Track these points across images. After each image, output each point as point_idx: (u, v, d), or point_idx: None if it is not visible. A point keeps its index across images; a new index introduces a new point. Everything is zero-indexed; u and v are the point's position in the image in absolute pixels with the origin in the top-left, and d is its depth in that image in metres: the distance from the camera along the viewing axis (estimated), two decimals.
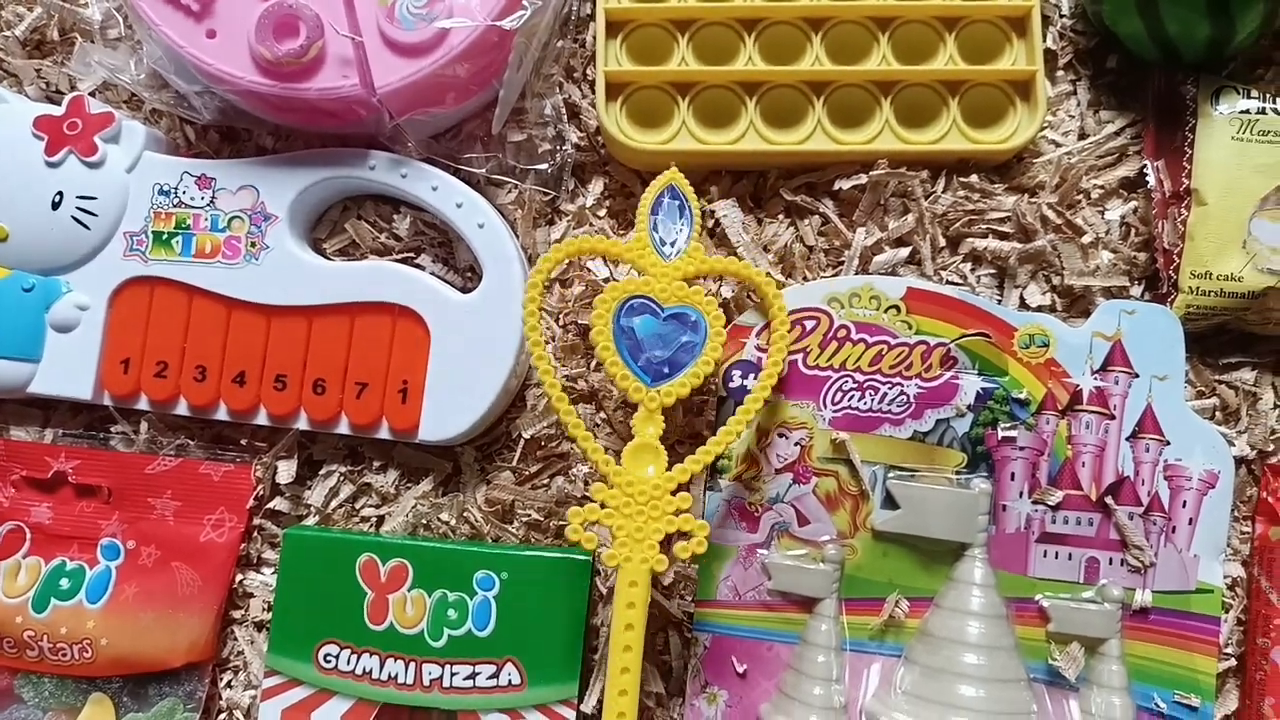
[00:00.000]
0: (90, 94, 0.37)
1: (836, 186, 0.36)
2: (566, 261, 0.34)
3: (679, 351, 0.32)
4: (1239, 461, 0.35)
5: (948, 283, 0.36)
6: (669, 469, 0.31)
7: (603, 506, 0.31)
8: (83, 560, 0.36)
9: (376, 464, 0.36)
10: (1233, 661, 0.34)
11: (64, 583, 0.36)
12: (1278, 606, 0.34)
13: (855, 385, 0.35)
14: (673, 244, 0.33)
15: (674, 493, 0.31)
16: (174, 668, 0.35)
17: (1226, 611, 0.34)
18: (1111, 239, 0.36)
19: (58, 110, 0.36)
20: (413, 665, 0.34)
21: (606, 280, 0.37)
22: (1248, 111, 0.35)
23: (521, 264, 0.35)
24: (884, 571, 0.34)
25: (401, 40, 0.33)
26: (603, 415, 0.36)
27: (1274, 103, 0.35)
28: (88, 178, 0.36)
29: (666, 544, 0.31)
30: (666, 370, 0.32)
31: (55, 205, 0.36)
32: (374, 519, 0.36)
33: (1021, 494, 0.34)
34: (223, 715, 0.36)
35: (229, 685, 0.36)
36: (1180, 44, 0.35)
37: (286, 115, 0.36)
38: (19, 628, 0.35)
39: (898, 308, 0.35)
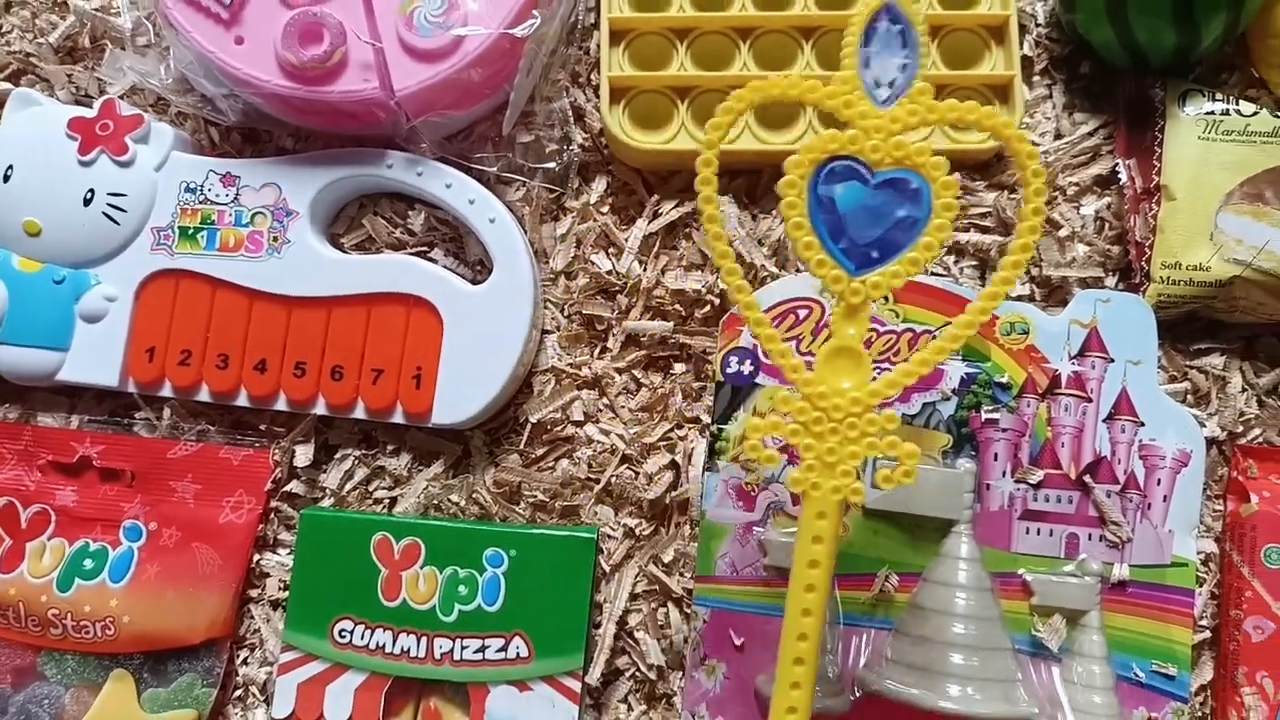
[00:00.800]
0: (120, 97, 0.39)
1: None
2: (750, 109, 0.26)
3: (893, 229, 0.25)
4: (1210, 442, 0.37)
5: (933, 274, 0.38)
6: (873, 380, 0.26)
7: (790, 421, 0.26)
8: (106, 541, 0.37)
9: (390, 447, 0.38)
10: (1208, 634, 0.36)
11: (88, 563, 0.37)
12: (1249, 579, 0.35)
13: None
14: (890, 84, 0.25)
15: (877, 409, 0.26)
16: (193, 644, 0.36)
17: (1201, 586, 0.36)
18: (1087, 233, 0.38)
19: (90, 112, 0.38)
20: (425, 639, 0.35)
21: (609, 273, 0.38)
22: (1213, 113, 0.37)
23: (530, 257, 0.37)
24: (874, 548, 0.35)
25: (419, 46, 0.35)
26: (605, 402, 0.38)
27: (1237, 104, 0.37)
28: (118, 176, 0.37)
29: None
30: (875, 254, 0.26)
31: (87, 202, 0.37)
32: (387, 500, 0.38)
33: (1004, 473, 0.35)
34: (239, 691, 0.37)
35: (245, 662, 0.37)
36: (1149, 50, 0.37)
37: (309, 117, 0.38)
38: (44, 606, 0.36)
39: (886, 297, 0.37)
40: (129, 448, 0.38)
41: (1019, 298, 0.38)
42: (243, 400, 0.37)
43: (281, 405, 0.37)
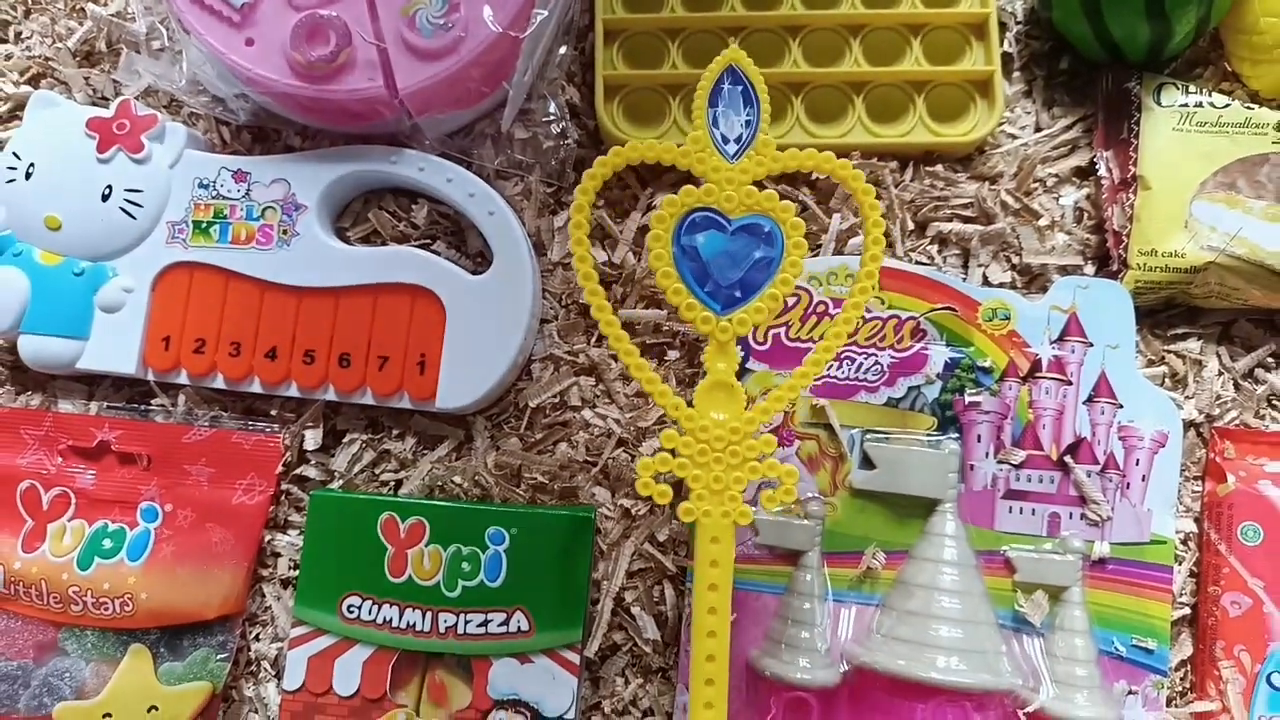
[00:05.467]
0: (136, 98, 0.41)
1: (814, 177, 0.40)
2: (614, 172, 0.29)
3: (752, 270, 0.28)
4: (1187, 425, 0.38)
5: (917, 262, 0.39)
6: (747, 408, 0.28)
7: (675, 455, 0.28)
8: (124, 523, 0.39)
9: (395, 432, 0.39)
10: (1187, 610, 0.37)
11: (106, 543, 0.38)
12: (1226, 556, 0.36)
13: (833, 356, 0.37)
14: (737, 140, 0.28)
15: (755, 435, 0.28)
16: (207, 620, 0.37)
17: (1180, 563, 0.37)
18: (1066, 222, 0.40)
19: (108, 113, 0.39)
20: (429, 614, 0.36)
21: (605, 264, 0.40)
22: (1187, 105, 0.38)
23: (528, 248, 0.38)
24: (862, 526, 0.36)
25: (421, 46, 0.37)
26: (602, 388, 0.39)
27: (1210, 97, 0.39)
28: (135, 172, 0.39)
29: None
30: (739, 294, 0.28)
31: (105, 198, 0.39)
32: (393, 482, 0.39)
33: (988, 454, 0.37)
34: (251, 666, 0.39)
35: (257, 638, 0.39)
36: (1124, 45, 0.39)
37: (316, 115, 0.39)
38: (65, 584, 0.38)
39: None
40: (146, 433, 0.39)
41: (1000, 284, 0.39)
42: (255, 387, 0.39)
43: (292, 391, 0.38)
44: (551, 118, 0.39)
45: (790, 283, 0.28)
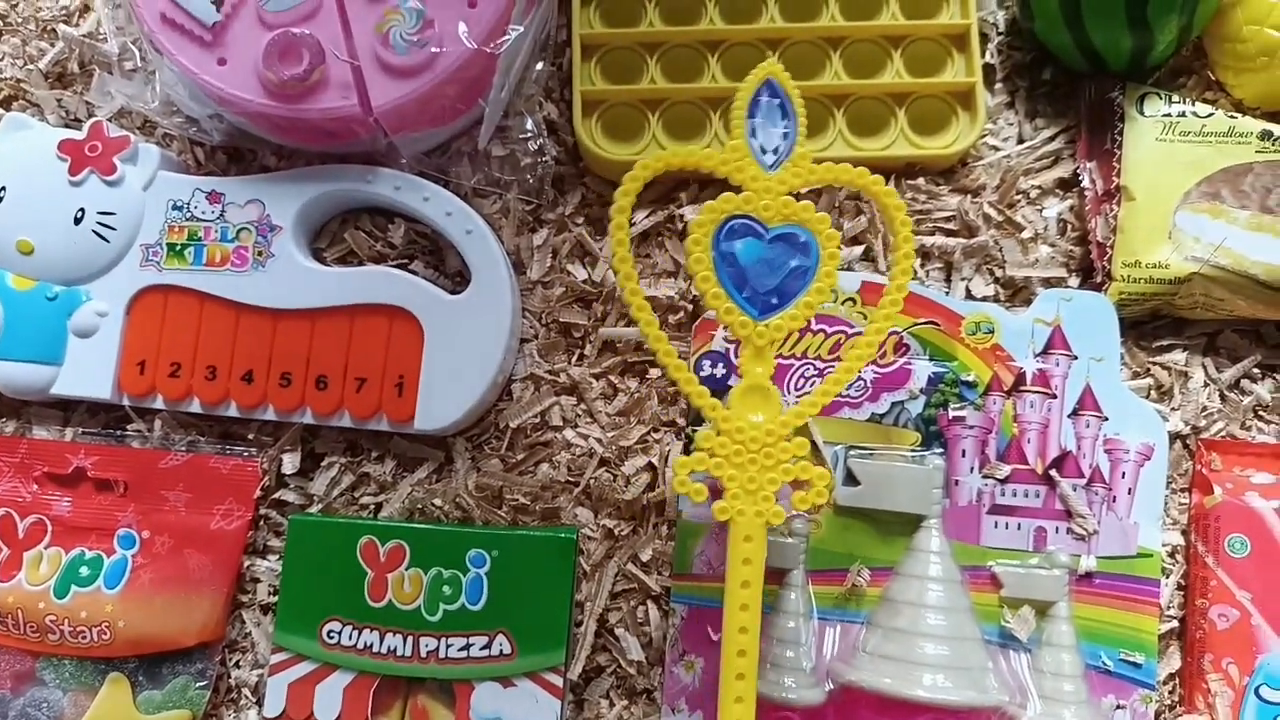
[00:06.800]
0: (108, 120, 0.40)
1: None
2: (654, 176, 0.29)
3: (788, 278, 0.29)
4: (1173, 437, 0.38)
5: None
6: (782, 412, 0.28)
7: (711, 455, 0.28)
8: (101, 550, 0.38)
9: (374, 454, 0.39)
10: (1175, 624, 0.37)
11: (84, 570, 0.38)
12: (1213, 569, 0.36)
13: (816, 372, 0.37)
14: (775, 151, 0.29)
15: (788, 438, 0.29)
16: (186, 647, 0.37)
17: (1167, 576, 0.37)
18: (1049, 234, 0.39)
19: (79, 134, 0.39)
20: (411, 639, 0.36)
21: (585, 282, 0.39)
22: (1170, 115, 0.38)
23: (507, 267, 0.38)
24: (846, 543, 0.36)
25: (395, 64, 0.36)
26: (583, 407, 0.39)
27: (1194, 106, 0.38)
28: (107, 195, 0.39)
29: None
30: (775, 300, 0.29)
31: (77, 221, 0.39)
32: (372, 506, 0.39)
33: (972, 469, 0.36)
34: (231, 693, 0.38)
35: (237, 665, 0.38)
36: (1106, 55, 0.38)
37: (290, 135, 0.39)
38: (41, 613, 0.37)
39: (854, 300, 0.38)
40: (122, 459, 0.39)
41: (984, 298, 0.39)
42: (231, 411, 0.38)
43: (269, 415, 0.38)
44: (529, 135, 0.39)
45: (825, 292, 0.29)
